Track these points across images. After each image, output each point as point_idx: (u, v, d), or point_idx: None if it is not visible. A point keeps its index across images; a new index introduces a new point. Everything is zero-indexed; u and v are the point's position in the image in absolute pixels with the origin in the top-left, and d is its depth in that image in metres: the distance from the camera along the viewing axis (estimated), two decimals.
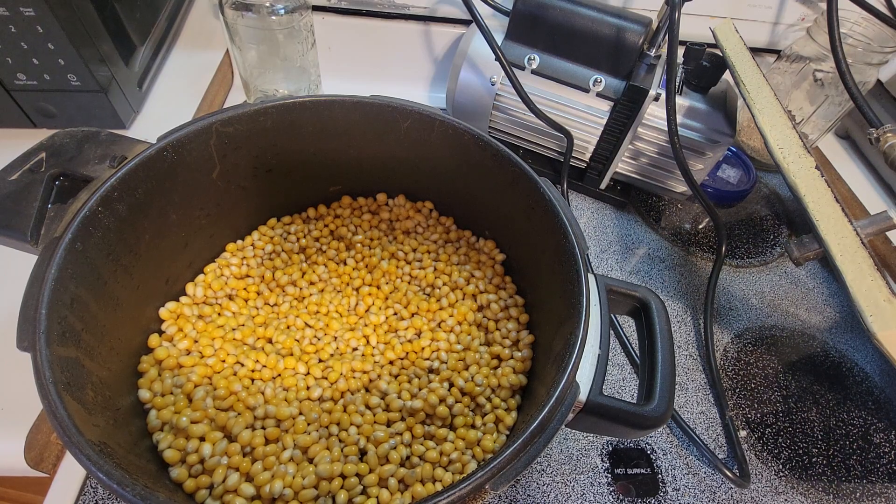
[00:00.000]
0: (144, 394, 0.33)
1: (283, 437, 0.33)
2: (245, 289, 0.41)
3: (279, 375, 0.37)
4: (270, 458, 0.32)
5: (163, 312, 0.37)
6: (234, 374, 0.36)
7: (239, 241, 0.43)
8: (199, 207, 0.38)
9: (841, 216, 0.36)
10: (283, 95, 0.51)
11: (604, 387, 0.28)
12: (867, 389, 0.47)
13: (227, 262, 0.41)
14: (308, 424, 0.34)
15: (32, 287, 0.26)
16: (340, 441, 0.34)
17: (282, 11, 0.51)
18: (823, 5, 0.50)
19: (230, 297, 0.40)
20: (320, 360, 0.38)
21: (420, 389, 0.36)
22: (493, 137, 0.38)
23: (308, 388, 0.36)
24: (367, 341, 0.40)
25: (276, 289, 0.42)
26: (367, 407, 0.36)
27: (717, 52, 0.48)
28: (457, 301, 0.42)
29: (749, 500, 0.39)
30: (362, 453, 0.33)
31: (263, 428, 0.33)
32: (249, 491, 0.30)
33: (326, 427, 0.34)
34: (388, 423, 0.35)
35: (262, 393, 0.35)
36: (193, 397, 0.33)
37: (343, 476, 0.31)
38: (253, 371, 0.37)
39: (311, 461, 0.32)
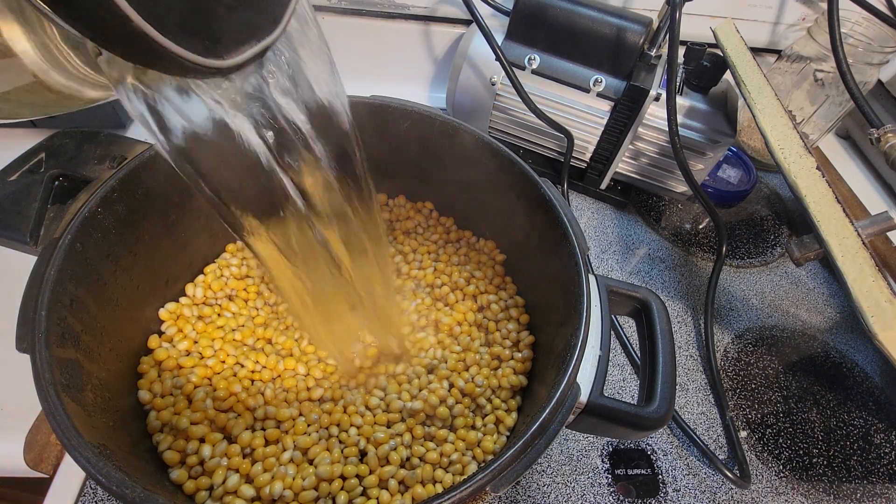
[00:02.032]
0: (144, 395, 0.33)
1: (283, 439, 0.33)
2: (245, 289, 0.41)
3: (279, 376, 0.37)
4: (270, 459, 0.32)
5: (162, 313, 0.37)
6: (234, 374, 0.36)
7: (239, 242, 0.43)
8: (199, 208, 0.38)
9: (842, 217, 0.36)
10: None
11: (604, 388, 0.28)
12: (868, 390, 0.47)
13: (227, 262, 0.41)
14: (308, 426, 0.34)
15: (32, 288, 0.26)
16: (340, 442, 0.34)
17: None
18: (824, 5, 0.50)
19: (230, 298, 0.40)
20: (319, 360, 0.38)
21: (420, 390, 0.36)
22: (493, 137, 0.38)
23: (308, 388, 0.36)
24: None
25: (275, 289, 0.42)
26: (367, 408, 0.36)
27: (718, 52, 0.48)
28: (457, 301, 0.42)
29: (749, 500, 0.39)
30: (362, 454, 0.33)
31: (263, 429, 0.33)
32: (249, 492, 0.30)
33: (326, 428, 0.34)
34: (389, 424, 0.35)
35: (262, 394, 0.35)
36: (193, 398, 0.33)
37: (343, 477, 0.31)
38: (253, 372, 0.37)
39: (311, 462, 0.32)
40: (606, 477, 0.39)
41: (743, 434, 0.43)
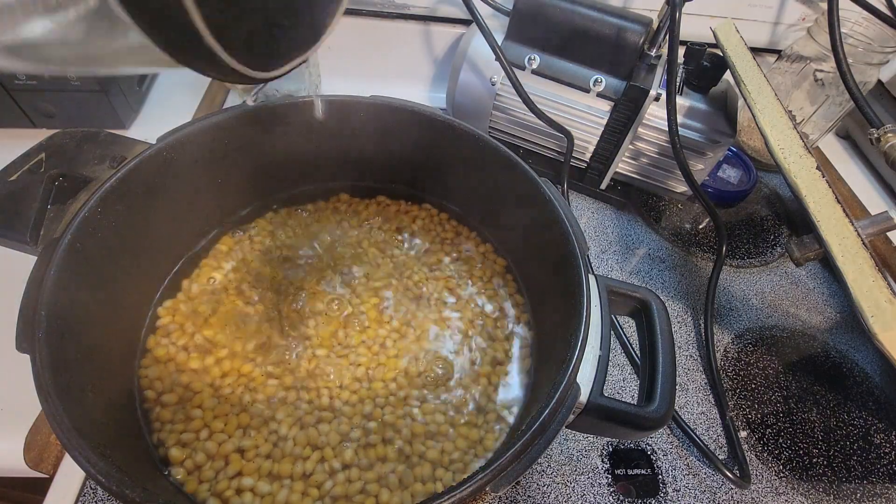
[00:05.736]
0: (145, 394, 0.33)
1: (286, 435, 0.33)
2: (240, 283, 0.41)
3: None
4: (271, 456, 0.32)
5: (161, 311, 0.37)
6: (233, 361, 0.36)
7: (234, 237, 0.43)
8: (199, 207, 0.38)
9: (842, 216, 0.36)
10: (283, 95, 0.50)
11: (604, 388, 0.28)
12: (868, 390, 0.47)
13: (224, 256, 0.41)
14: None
15: (32, 288, 0.26)
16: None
17: None
18: (824, 5, 0.50)
19: (226, 291, 0.40)
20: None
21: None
22: (494, 137, 0.38)
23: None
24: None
25: None
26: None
27: (718, 52, 0.48)
28: (457, 300, 0.42)
29: (749, 500, 0.39)
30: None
31: (266, 426, 0.33)
32: (250, 488, 0.30)
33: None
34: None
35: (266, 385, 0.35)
36: (195, 396, 0.33)
37: (346, 467, 0.32)
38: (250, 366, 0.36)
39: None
40: (606, 477, 0.39)
41: (743, 434, 0.43)
